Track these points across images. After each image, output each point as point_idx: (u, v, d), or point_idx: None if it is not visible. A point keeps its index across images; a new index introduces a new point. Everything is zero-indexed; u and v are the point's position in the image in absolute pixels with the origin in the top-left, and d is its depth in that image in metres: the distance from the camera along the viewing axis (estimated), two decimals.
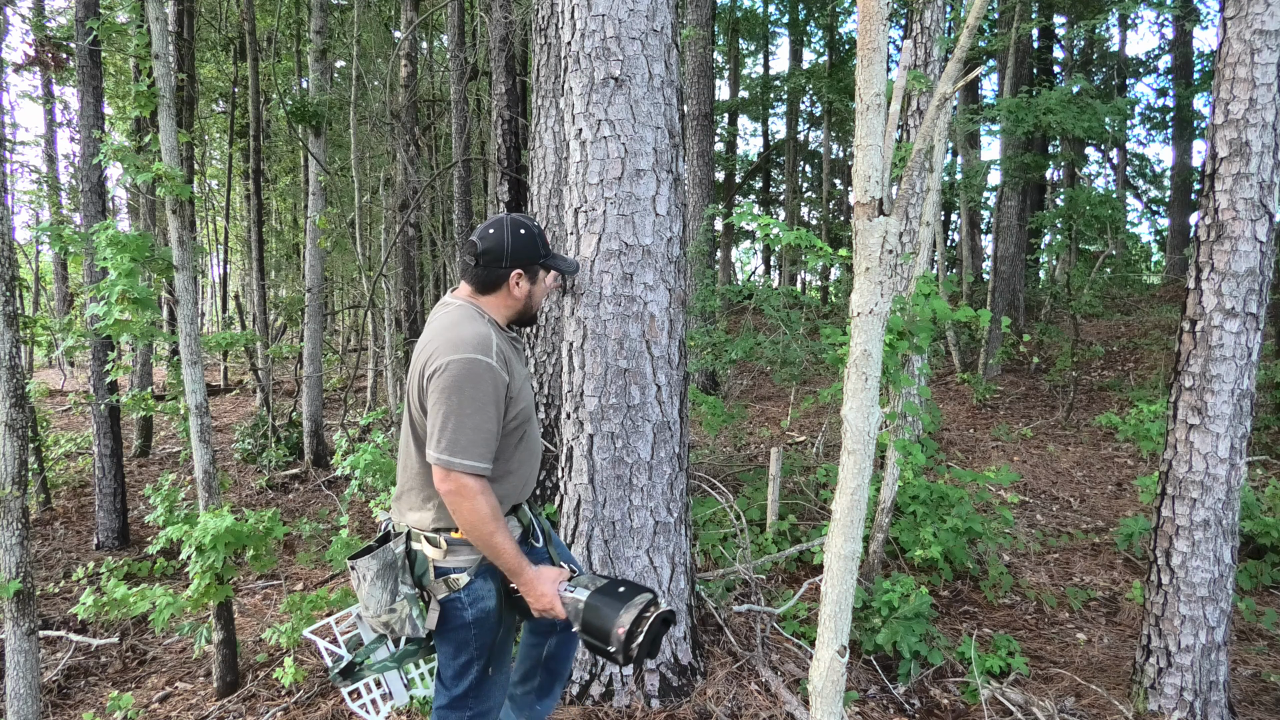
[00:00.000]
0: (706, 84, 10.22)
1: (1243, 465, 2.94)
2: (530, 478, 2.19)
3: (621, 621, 1.88)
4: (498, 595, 2.06)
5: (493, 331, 2.03)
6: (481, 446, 1.91)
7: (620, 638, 1.86)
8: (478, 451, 1.90)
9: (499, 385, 1.95)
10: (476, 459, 1.89)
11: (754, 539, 4.56)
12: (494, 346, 1.98)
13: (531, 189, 4.67)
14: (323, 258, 8.99)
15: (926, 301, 3.68)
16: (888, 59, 3.06)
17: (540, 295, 2.20)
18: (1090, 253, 11.10)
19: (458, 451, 1.88)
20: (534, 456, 2.20)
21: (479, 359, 1.92)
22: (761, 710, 2.89)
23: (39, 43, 8.39)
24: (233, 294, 19.69)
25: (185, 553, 3.27)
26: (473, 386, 1.91)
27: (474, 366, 1.92)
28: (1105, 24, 14.36)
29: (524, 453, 2.13)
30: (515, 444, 2.08)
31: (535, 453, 2.21)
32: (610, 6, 2.74)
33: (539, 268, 2.14)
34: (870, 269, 1.82)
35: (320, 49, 8.65)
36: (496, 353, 1.97)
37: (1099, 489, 6.39)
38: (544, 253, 2.13)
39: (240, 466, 8.68)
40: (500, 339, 2.04)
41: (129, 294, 3.35)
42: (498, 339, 2.02)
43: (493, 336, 2.00)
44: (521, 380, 2.08)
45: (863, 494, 1.91)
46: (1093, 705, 3.15)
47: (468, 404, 1.91)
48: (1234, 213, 2.84)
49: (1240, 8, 2.83)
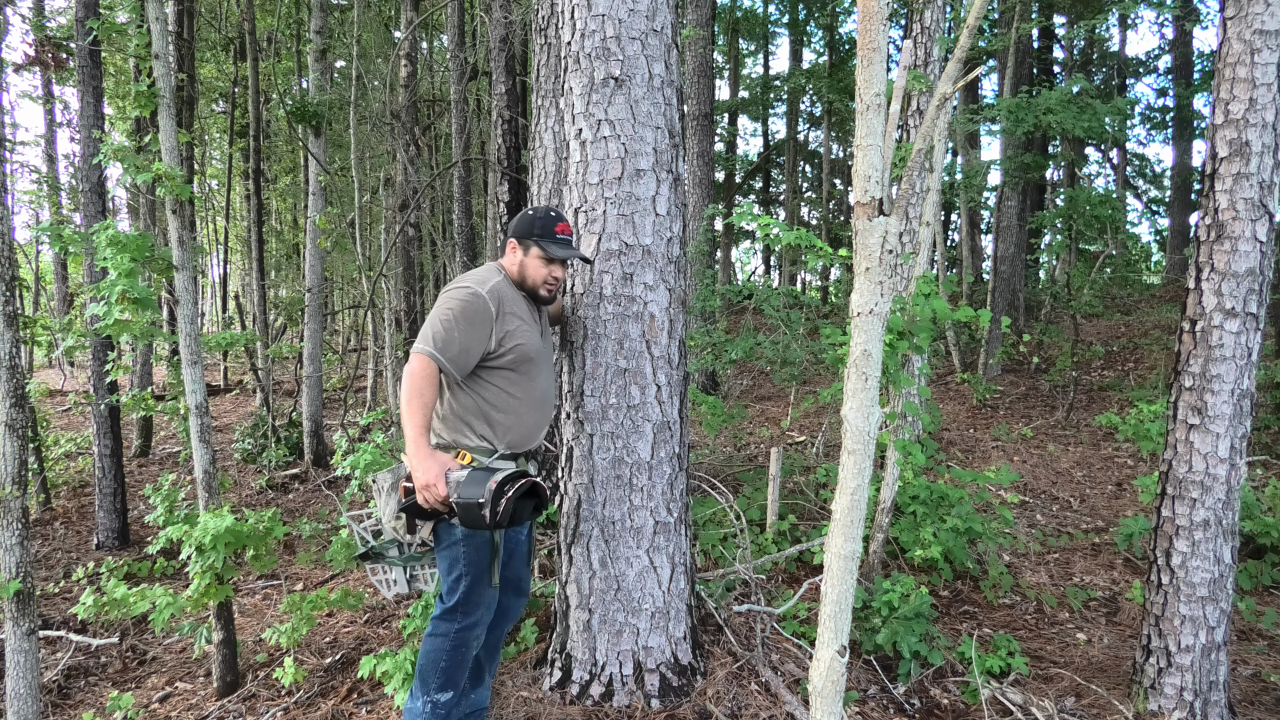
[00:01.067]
0: (706, 84, 10.21)
1: (1243, 465, 2.94)
2: (534, 427, 2.50)
3: (496, 478, 2.15)
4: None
5: (501, 280, 2.45)
6: (442, 341, 2.28)
7: (491, 489, 2.12)
8: (438, 346, 2.27)
9: (481, 311, 2.34)
10: (435, 349, 2.27)
11: (754, 539, 4.56)
12: (491, 285, 2.40)
13: (531, 189, 4.67)
14: (323, 258, 8.99)
15: (926, 301, 3.68)
16: (888, 59, 3.06)
17: (532, 268, 2.51)
18: (1090, 253, 11.10)
19: (423, 340, 2.29)
20: (537, 404, 2.49)
21: (471, 287, 2.37)
22: (761, 710, 2.89)
23: (39, 43, 8.39)
24: (233, 294, 19.69)
25: (185, 553, 3.27)
26: (458, 304, 2.33)
27: (463, 293, 2.36)
28: (1105, 24, 14.36)
29: (524, 391, 2.45)
30: (516, 381, 2.42)
31: (538, 400, 2.49)
32: (610, 6, 2.74)
33: (530, 242, 2.49)
34: (870, 269, 1.82)
35: (320, 49, 8.65)
36: (491, 290, 2.38)
37: (1099, 489, 6.39)
38: (536, 231, 2.48)
39: (240, 466, 8.68)
40: (505, 286, 2.45)
41: (129, 294, 3.35)
42: (502, 285, 2.44)
43: (495, 280, 2.43)
44: (522, 325, 2.43)
45: (863, 494, 1.91)
46: (1093, 705, 3.15)
47: (446, 313, 2.31)
48: (1234, 213, 2.84)
49: (1240, 8, 2.83)
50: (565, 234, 2.51)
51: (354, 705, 3.18)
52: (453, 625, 2.40)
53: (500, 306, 2.38)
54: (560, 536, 3.05)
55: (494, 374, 2.41)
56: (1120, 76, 15.66)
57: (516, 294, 2.49)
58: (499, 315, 2.37)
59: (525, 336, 2.43)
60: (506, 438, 2.43)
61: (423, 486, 2.20)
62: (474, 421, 2.41)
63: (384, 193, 11.33)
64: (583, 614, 2.92)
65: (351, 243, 11.32)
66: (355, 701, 3.20)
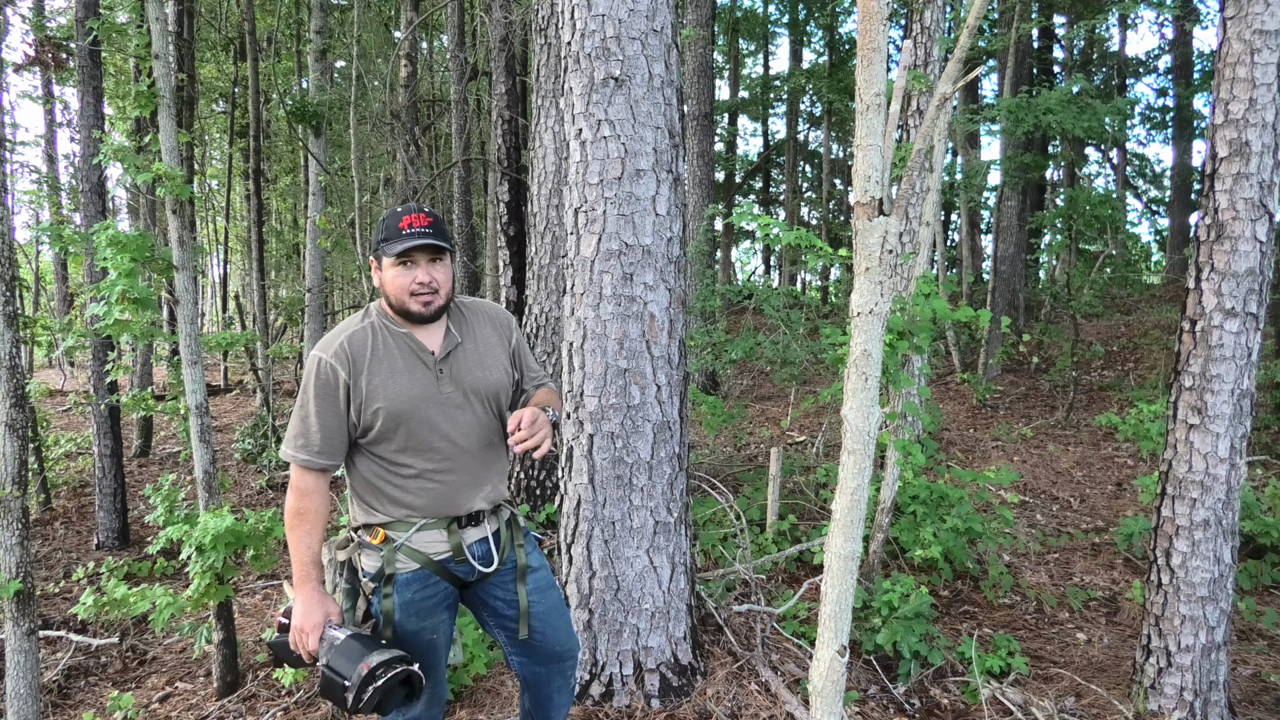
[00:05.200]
0: (706, 84, 10.21)
1: (1243, 465, 2.94)
2: (450, 490, 2.02)
3: (370, 660, 1.85)
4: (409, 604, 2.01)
5: (361, 327, 1.98)
6: (301, 439, 1.93)
7: (361, 674, 1.83)
8: (297, 444, 1.93)
9: (332, 381, 1.92)
10: (294, 449, 1.93)
11: (754, 539, 4.56)
12: (339, 343, 1.94)
13: (531, 189, 4.68)
14: (323, 258, 8.99)
15: (926, 301, 3.68)
16: (888, 59, 3.06)
17: (390, 283, 1.95)
18: (1090, 253, 11.09)
19: (289, 443, 1.95)
20: (438, 466, 2.00)
21: (317, 355, 1.94)
22: (761, 710, 2.89)
23: (39, 43, 8.39)
24: (233, 294, 19.69)
25: (185, 553, 3.27)
26: (306, 380, 1.95)
27: (311, 363, 1.96)
28: (1105, 24, 14.36)
29: (415, 460, 1.98)
30: (396, 448, 1.97)
31: (439, 462, 2.00)
32: (610, 6, 2.74)
33: (379, 253, 1.97)
34: (870, 269, 1.82)
35: (320, 49, 8.65)
36: (339, 349, 1.93)
37: (1099, 489, 6.39)
38: (381, 236, 1.96)
39: (240, 466, 8.68)
40: (365, 335, 1.97)
41: (129, 294, 3.35)
42: (360, 334, 1.97)
43: (349, 331, 1.97)
44: (390, 378, 1.95)
45: (863, 494, 1.91)
46: (1093, 705, 3.15)
47: (302, 397, 1.95)
48: (1234, 213, 2.84)
49: (1240, 8, 2.83)
50: (418, 225, 1.93)
51: None
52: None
53: (353, 365, 1.92)
54: (560, 536, 3.05)
55: (372, 445, 1.98)
56: (1120, 76, 15.66)
57: (389, 336, 1.98)
58: (354, 377, 1.92)
59: (395, 393, 1.94)
60: (424, 506, 2.00)
61: (297, 629, 1.93)
62: (374, 498, 2.01)
63: (384, 193, 11.33)
64: (582, 614, 2.92)
65: (351, 243, 11.32)
66: None
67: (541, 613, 2.15)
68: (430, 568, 2.02)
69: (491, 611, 2.16)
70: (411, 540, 1.99)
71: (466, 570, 2.07)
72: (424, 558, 2.01)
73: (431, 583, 2.03)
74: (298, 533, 1.94)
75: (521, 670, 2.22)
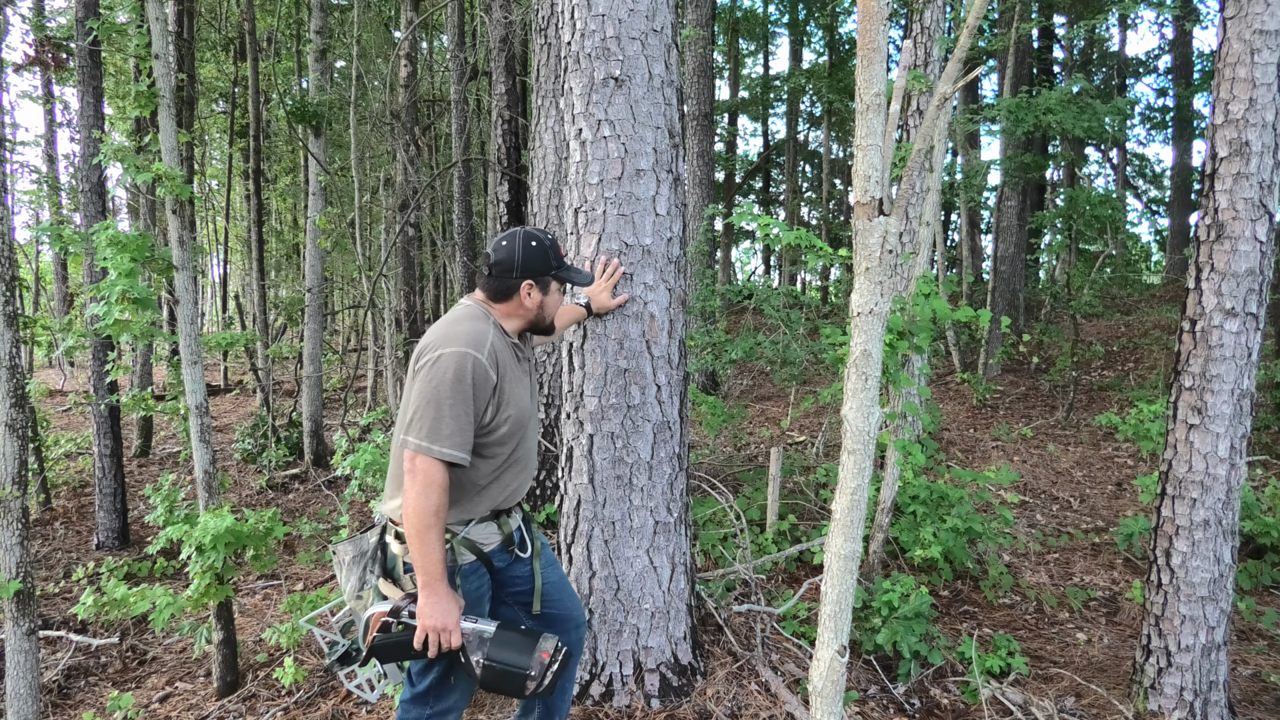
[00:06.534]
0: (706, 84, 10.22)
1: (1243, 465, 2.94)
2: (519, 487, 2.19)
3: (543, 647, 1.97)
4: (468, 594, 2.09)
5: (493, 332, 2.06)
6: (458, 436, 1.92)
7: (543, 662, 1.94)
8: (453, 440, 1.91)
9: (485, 382, 1.97)
10: (450, 447, 1.91)
11: (754, 539, 4.56)
12: (489, 345, 2.01)
13: (531, 189, 4.68)
14: (323, 258, 8.99)
15: (926, 301, 3.68)
16: (888, 59, 3.06)
17: (554, 305, 2.22)
18: (1090, 253, 11.10)
19: (437, 439, 1.90)
20: (525, 468, 2.19)
21: (469, 353, 1.95)
22: (761, 710, 2.89)
23: (39, 43, 8.39)
24: (233, 294, 19.69)
25: (185, 553, 3.27)
26: (457, 378, 1.93)
27: (463, 360, 1.94)
28: (1105, 24, 14.37)
29: (515, 462, 2.14)
30: (507, 451, 2.09)
31: (527, 464, 2.20)
32: (610, 6, 2.74)
33: (550, 278, 2.16)
34: (870, 269, 1.82)
35: (320, 49, 8.65)
36: (489, 351, 2.00)
37: (1099, 489, 6.39)
38: (555, 264, 2.14)
39: (240, 466, 8.68)
40: (500, 342, 2.07)
41: (129, 294, 3.35)
42: (496, 340, 2.05)
43: (490, 335, 2.04)
44: (516, 386, 2.09)
45: (863, 494, 1.91)
46: (1093, 705, 3.15)
47: (451, 393, 1.92)
48: (1234, 213, 2.84)
49: (1240, 8, 2.83)
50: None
51: (354, 705, 3.18)
52: (423, 712, 2.12)
53: (498, 369, 2.02)
54: (560, 536, 3.05)
55: (486, 445, 2.06)
56: (1120, 76, 15.67)
57: (508, 346, 2.12)
58: (500, 380, 2.02)
59: (522, 402, 2.11)
60: (485, 505, 2.10)
61: (434, 628, 1.91)
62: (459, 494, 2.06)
63: (384, 193, 11.33)
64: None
65: (351, 243, 11.32)
66: (355, 701, 3.20)
67: (554, 582, 2.30)
68: (480, 559, 2.11)
69: (509, 592, 2.25)
70: (470, 533, 2.08)
71: (505, 559, 2.17)
72: (478, 549, 2.10)
73: (480, 574, 2.13)
74: (435, 531, 1.90)
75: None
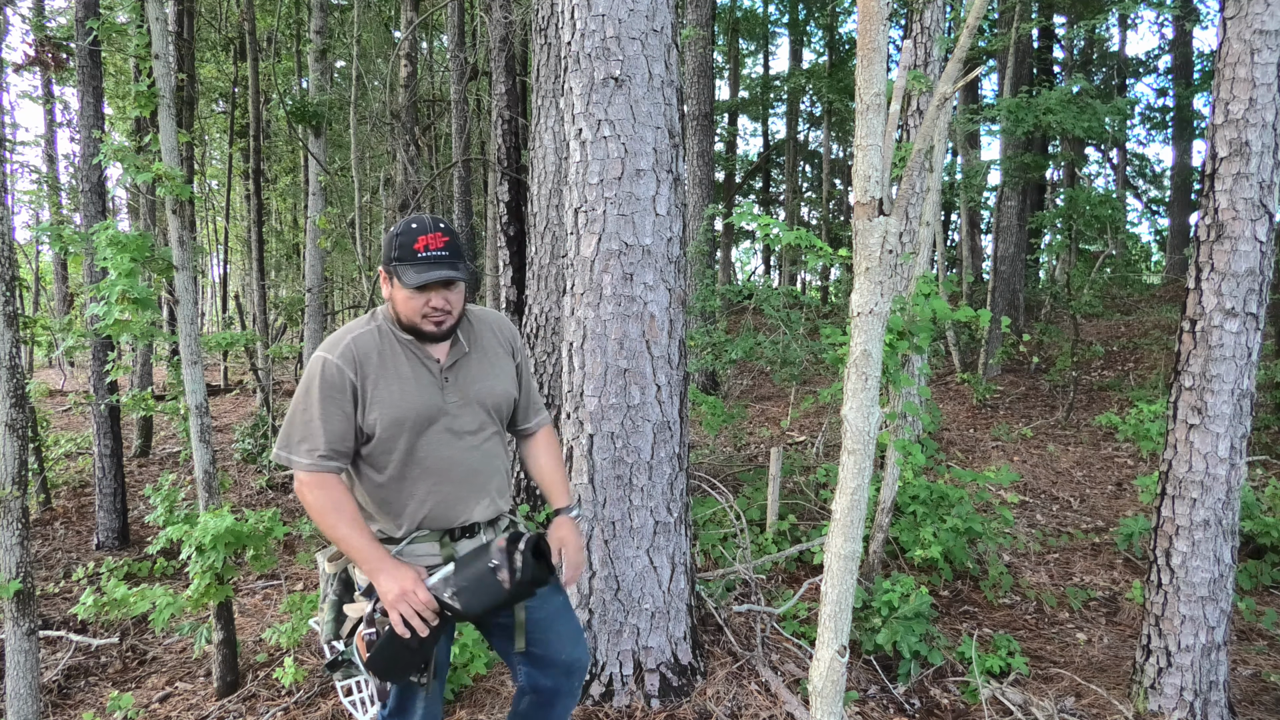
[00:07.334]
0: (706, 84, 10.22)
1: (1243, 465, 2.94)
2: (450, 502, 1.95)
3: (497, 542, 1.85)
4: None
5: (369, 331, 1.92)
6: (309, 441, 1.84)
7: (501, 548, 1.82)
8: (304, 446, 1.84)
9: (339, 384, 1.85)
10: (302, 453, 1.83)
11: (754, 539, 4.56)
12: (345, 345, 1.88)
13: (531, 189, 4.68)
14: (323, 258, 8.99)
15: (926, 301, 3.68)
16: (888, 59, 3.06)
17: (405, 305, 1.87)
18: (1090, 253, 11.10)
19: (287, 445, 1.85)
20: (438, 476, 1.93)
21: (321, 355, 1.87)
22: (761, 710, 2.89)
23: (39, 43, 8.39)
24: (233, 294, 19.69)
25: (185, 553, 3.27)
26: (307, 383, 1.86)
27: (314, 364, 1.87)
28: (1105, 24, 14.37)
29: (420, 470, 1.92)
30: (395, 459, 1.90)
31: (440, 472, 1.94)
32: (610, 6, 2.74)
33: (391, 269, 1.88)
34: (870, 269, 1.82)
35: (320, 49, 8.65)
36: (345, 351, 1.87)
37: (1099, 489, 6.39)
38: (394, 255, 1.86)
39: (240, 466, 8.68)
40: (373, 341, 1.91)
41: (129, 294, 3.34)
42: (367, 339, 1.91)
43: (357, 334, 1.91)
44: (391, 387, 1.89)
45: (863, 494, 1.91)
46: (1093, 705, 3.15)
47: (302, 399, 1.86)
48: (1234, 213, 2.84)
49: (1240, 8, 2.83)
50: (434, 248, 1.83)
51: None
52: None
53: (360, 368, 1.86)
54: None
55: (372, 454, 1.91)
56: (1120, 76, 15.67)
57: (396, 343, 1.92)
58: (361, 380, 1.86)
59: (395, 402, 1.88)
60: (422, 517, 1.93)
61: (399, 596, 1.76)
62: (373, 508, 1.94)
63: (384, 193, 11.33)
64: (583, 614, 2.91)
65: (351, 243, 11.32)
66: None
67: (542, 619, 2.05)
68: None
69: (496, 624, 2.09)
70: (404, 552, 1.92)
71: None
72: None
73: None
74: (343, 518, 1.82)
75: (528, 680, 2.12)
